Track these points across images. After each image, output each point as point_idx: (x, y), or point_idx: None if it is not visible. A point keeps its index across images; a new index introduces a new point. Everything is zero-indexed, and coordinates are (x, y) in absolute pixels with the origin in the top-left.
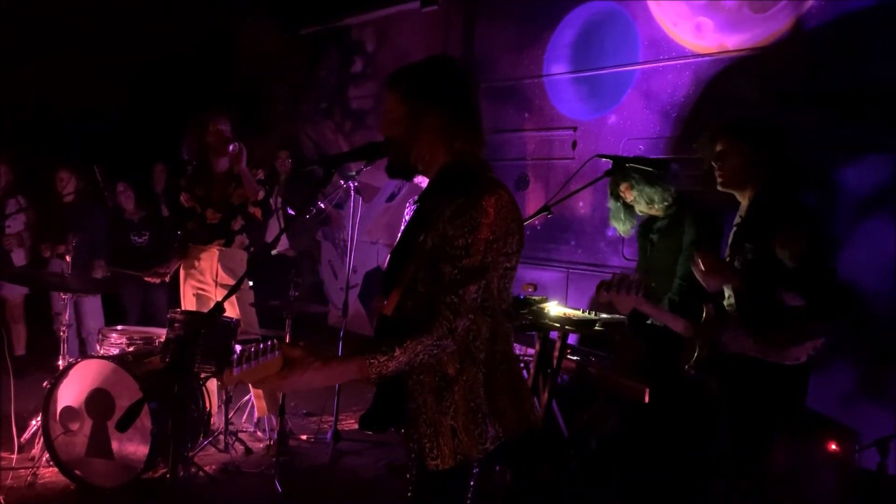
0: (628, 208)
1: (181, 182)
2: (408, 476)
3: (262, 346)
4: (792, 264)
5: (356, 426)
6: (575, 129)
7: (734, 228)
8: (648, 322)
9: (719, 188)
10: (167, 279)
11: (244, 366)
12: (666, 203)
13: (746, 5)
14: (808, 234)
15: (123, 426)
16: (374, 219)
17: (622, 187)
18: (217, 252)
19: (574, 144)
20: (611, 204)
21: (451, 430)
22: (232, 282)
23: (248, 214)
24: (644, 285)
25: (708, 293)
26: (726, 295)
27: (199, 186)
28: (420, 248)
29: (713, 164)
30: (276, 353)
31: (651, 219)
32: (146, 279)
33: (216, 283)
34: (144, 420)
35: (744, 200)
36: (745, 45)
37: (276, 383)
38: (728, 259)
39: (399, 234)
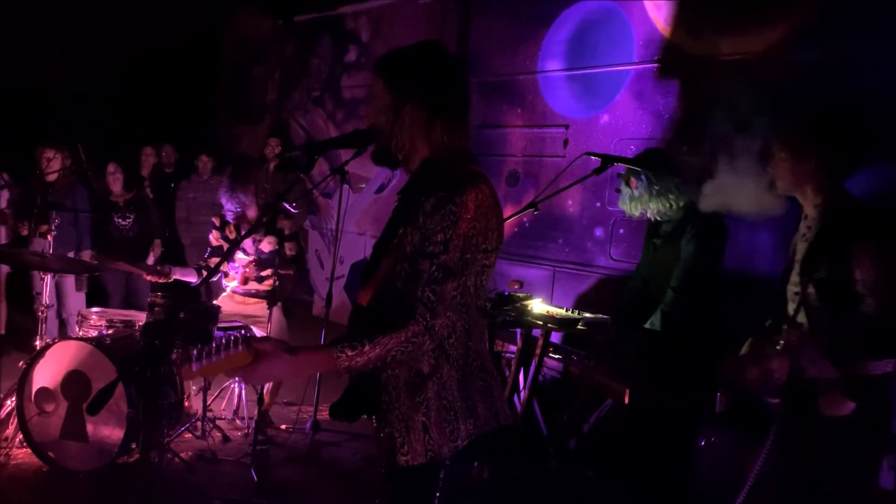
0: (635, 198)
1: (213, 219)
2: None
3: (223, 341)
4: (865, 293)
5: None
6: (567, 127)
7: (801, 237)
8: (642, 324)
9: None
10: (169, 279)
11: (203, 361)
12: (669, 206)
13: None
14: (886, 260)
15: (94, 409)
16: (362, 210)
17: (632, 181)
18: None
19: (566, 142)
20: (623, 189)
21: (423, 427)
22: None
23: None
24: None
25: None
26: (798, 313)
27: (229, 228)
28: (399, 242)
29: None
30: (239, 347)
31: (658, 221)
32: (147, 278)
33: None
34: (121, 404)
35: (807, 207)
36: (740, 50)
37: (243, 374)
38: (801, 277)
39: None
